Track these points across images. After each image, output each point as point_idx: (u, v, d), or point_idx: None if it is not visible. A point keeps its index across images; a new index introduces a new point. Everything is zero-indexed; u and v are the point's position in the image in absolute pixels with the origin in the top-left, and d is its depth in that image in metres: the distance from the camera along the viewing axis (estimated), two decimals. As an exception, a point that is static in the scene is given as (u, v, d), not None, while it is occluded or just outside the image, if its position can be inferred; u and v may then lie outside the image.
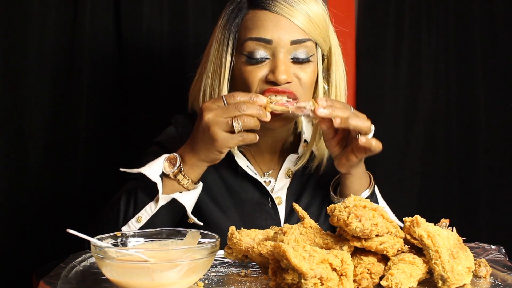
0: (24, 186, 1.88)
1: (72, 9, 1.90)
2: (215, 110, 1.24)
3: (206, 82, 1.43)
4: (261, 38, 1.35)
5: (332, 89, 1.46)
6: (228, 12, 1.42)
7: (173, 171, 1.29)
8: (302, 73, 1.37)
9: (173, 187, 1.30)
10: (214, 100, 1.27)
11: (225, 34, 1.41)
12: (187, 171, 1.30)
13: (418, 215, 1.04)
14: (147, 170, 1.29)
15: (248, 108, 1.24)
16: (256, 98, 1.26)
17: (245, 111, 1.23)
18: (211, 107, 1.25)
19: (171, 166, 1.30)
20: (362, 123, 1.29)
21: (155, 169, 1.29)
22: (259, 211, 1.46)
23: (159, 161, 1.30)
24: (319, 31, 1.38)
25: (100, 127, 1.96)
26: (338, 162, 1.37)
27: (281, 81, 1.34)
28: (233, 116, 1.23)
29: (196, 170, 1.31)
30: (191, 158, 1.29)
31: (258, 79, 1.36)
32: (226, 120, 1.23)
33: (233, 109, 1.23)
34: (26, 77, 1.86)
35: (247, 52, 1.37)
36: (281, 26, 1.35)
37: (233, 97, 1.25)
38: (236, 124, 1.23)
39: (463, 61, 2.43)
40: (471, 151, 2.44)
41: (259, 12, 1.37)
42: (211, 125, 1.23)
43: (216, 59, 1.42)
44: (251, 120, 1.24)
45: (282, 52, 1.35)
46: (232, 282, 1.08)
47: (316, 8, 1.38)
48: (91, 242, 1.03)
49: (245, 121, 1.23)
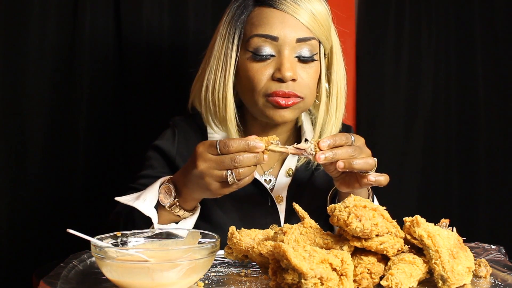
0: (24, 186, 1.88)
1: (72, 9, 1.90)
2: (209, 161, 1.19)
3: (209, 77, 1.44)
4: (267, 35, 1.36)
5: (333, 87, 1.47)
6: (233, 8, 1.43)
7: (168, 204, 1.27)
8: (305, 73, 1.38)
9: (169, 217, 1.30)
10: (209, 145, 1.20)
11: (231, 30, 1.41)
12: (182, 204, 1.29)
13: (418, 215, 1.04)
14: (141, 205, 1.27)
15: (244, 159, 1.18)
16: (253, 144, 1.18)
17: (241, 164, 1.18)
18: (205, 156, 1.20)
19: (166, 198, 1.28)
20: (366, 163, 1.24)
21: (149, 201, 1.27)
22: (259, 210, 1.47)
23: (154, 190, 1.28)
24: (322, 30, 1.40)
25: (100, 126, 1.96)
26: (339, 184, 1.33)
27: (287, 78, 1.34)
28: (228, 169, 1.18)
29: (191, 202, 1.29)
30: (185, 193, 1.27)
31: (264, 77, 1.37)
32: (221, 173, 1.19)
33: (228, 163, 1.18)
34: (26, 77, 1.86)
35: (253, 49, 1.38)
36: (287, 23, 1.36)
37: (227, 147, 1.18)
38: (230, 178, 1.18)
39: (463, 61, 2.43)
40: (471, 151, 2.44)
41: (266, 9, 1.38)
42: (205, 175, 1.20)
43: (221, 54, 1.42)
44: (246, 171, 1.19)
45: (287, 50, 1.36)
46: (232, 282, 1.08)
47: (319, 7, 1.39)
48: (91, 242, 1.03)
49: (241, 172, 1.18)
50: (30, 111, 1.87)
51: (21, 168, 1.87)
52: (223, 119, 1.43)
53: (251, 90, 1.39)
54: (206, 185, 1.20)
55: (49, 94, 1.89)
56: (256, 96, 1.38)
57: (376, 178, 1.25)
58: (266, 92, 1.37)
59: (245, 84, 1.40)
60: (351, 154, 1.23)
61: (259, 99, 1.38)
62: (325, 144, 1.21)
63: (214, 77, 1.43)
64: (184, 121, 1.54)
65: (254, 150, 1.18)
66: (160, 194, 1.28)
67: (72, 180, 1.93)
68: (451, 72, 2.42)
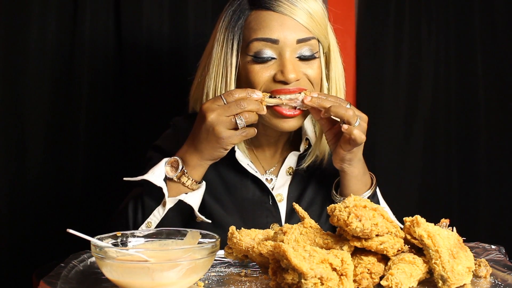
0: (24, 186, 1.88)
1: (72, 9, 1.90)
2: (217, 109, 1.28)
3: (209, 84, 1.43)
4: (267, 38, 1.36)
5: (332, 85, 1.47)
6: (228, 13, 1.42)
7: (177, 175, 1.31)
8: (310, 69, 1.39)
9: (178, 189, 1.33)
10: (214, 100, 1.30)
11: (229, 36, 1.41)
12: (190, 172, 1.32)
13: (418, 215, 1.04)
14: (150, 176, 1.31)
15: (248, 104, 1.28)
16: (252, 93, 1.30)
17: (245, 107, 1.28)
18: (212, 107, 1.28)
19: (173, 170, 1.32)
20: (343, 110, 1.30)
21: (158, 174, 1.31)
22: (260, 209, 1.47)
23: (161, 166, 1.32)
24: (320, 29, 1.40)
25: (100, 127, 1.96)
26: (333, 158, 1.40)
27: (291, 80, 1.35)
28: (235, 113, 1.27)
29: (199, 169, 1.33)
30: (193, 159, 1.32)
31: (265, 79, 1.37)
32: (229, 118, 1.27)
33: (235, 107, 1.27)
34: (26, 77, 1.86)
35: (253, 53, 1.37)
36: (286, 25, 1.36)
37: (231, 94, 1.29)
38: (239, 121, 1.27)
39: (463, 61, 2.42)
40: (471, 151, 2.44)
41: (263, 13, 1.38)
42: (215, 124, 1.27)
43: (220, 61, 1.42)
44: (252, 115, 1.28)
45: (288, 51, 1.36)
46: (232, 282, 1.08)
47: (315, 5, 1.39)
48: (91, 242, 1.03)
49: (247, 117, 1.28)
50: (30, 111, 1.87)
51: (21, 168, 1.87)
52: None
53: None
54: (217, 135, 1.27)
55: (49, 94, 1.89)
56: None
57: (349, 127, 1.30)
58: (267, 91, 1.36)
59: (246, 87, 1.39)
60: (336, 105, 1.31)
61: None
62: (314, 93, 1.34)
63: (214, 84, 1.42)
64: (185, 121, 1.54)
65: (253, 98, 1.30)
66: (167, 167, 1.32)
67: (72, 180, 1.93)
68: (451, 72, 2.42)
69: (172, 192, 1.32)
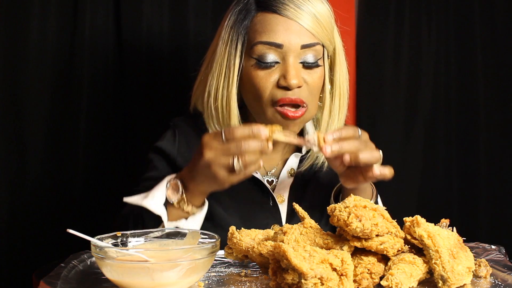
0: (24, 186, 1.88)
1: (72, 9, 1.90)
2: (215, 149, 1.20)
3: (211, 82, 1.42)
4: (272, 43, 1.35)
5: (335, 89, 1.45)
6: (235, 12, 1.41)
7: (176, 200, 1.28)
8: (310, 78, 1.37)
9: (178, 213, 1.30)
10: (215, 135, 1.21)
11: (233, 35, 1.40)
12: (190, 199, 1.29)
13: (418, 215, 1.04)
14: (149, 203, 1.27)
15: (249, 145, 1.18)
16: (258, 131, 1.19)
17: (246, 149, 1.18)
18: (211, 145, 1.20)
19: (174, 194, 1.28)
20: (372, 156, 1.23)
21: (158, 200, 1.28)
22: (260, 210, 1.46)
23: (161, 189, 1.29)
24: (326, 33, 1.38)
25: (100, 127, 1.96)
26: (344, 180, 1.33)
27: (293, 86, 1.34)
28: (234, 155, 1.18)
29: (199, 196, 1.29)
30: (193, 187, 1.27)
31: (269, 84, 1.36)
32: (227, 160, 1.19)
33: (234, 148, 1.18)
34: (26, 77, 1.86)
35: (257, 56, 1.36)
36: (291, 30, 1.34)
37: (232, 133, 1.19)
38: (236, 164, 1.18)
39: (463, 61, 2.42)
40: (471, 151, 2.44)
41: (269, 15, 1.36)
42: (212, 164, 1.20)
43: (223, 60, 1.41)
44: (252, 157, 1.19)
45: (292, 57, 1.35)
46: (232, 282, 1.08)
47: (322, 8, 1.37)
48: (91, 242, 1.03)
49: (246, 159, 1.18)
50: (30, 111, 1.87)
51: (21, 168, 1.87)
52: (226, 126, 1.42)
53: (257, 99, 1.37)
54: (213, 174, 1.20)
55: (49, 94, 1.89)
56: (263, 106, 1.37)
57: (382, 170, 1.25)
58: (273, 100, 1.35)
59: (251, 92, 1.39)
60: (357, 147, 1.23)
61: (267, 109, 1.37)
62: (330, 138, 1.21)
63: (216, 83, 1.41)
64: (185, 121, 1.54)
65: (259, 137, 1.19)
66: (168, 190, 1.28)
67: (72, 180, 1.93)
68: (451, 72, 2.42)
69: (172, 216, 1.29)
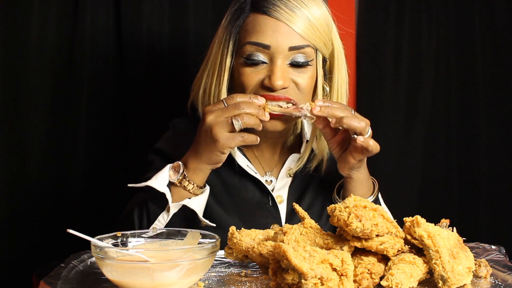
0: (24, 186, 1.88)
1: (72, 9, 1.90)
2: (216, 111, 1.28)
3: (206, 80, 1.45)
4: (259, 43, 1.36)
5: (333, 91, 1.46)
6: (231, 12, 1.43)
7: (178, 178, 1.31)
8: (300, 78, 1.37)
9: (181, 194, 1.32)
10: (215, 103, 1.31)
11: (227, 35, 1.41)
12: (191, 176, 1.32)
13: (418, 215, 1.04)
14: (154, 182, 1.31)
15: (248, 107, 1.27)
16: (254, 99, 1.30)
17: (244, 109, 1.27)
18: (212, 110, 1.28)
19: (175, 174, 1.31)
20: (357, 122, 1.29)
21: (161, 180, 1.31)
22: (260, 210, 1.47)
23: (165, 170, 1.32)
24: (319, 36, 1.38)
25: (100, 127, 1.96)
26: (339, 165, 1.39)
27: (277, 87, 1.34)
28: (233, 115, 1.26)
29: (200, 174, 1.32)
30: (193, 163, 1.31)
31: (254, 82, 1.37)
32: (227, 119, 1.26)
33: (233, 109, 1.27)
34: (26, 77, 1.86)
35: (246, 55, 1.37)
36: (279, 32, 1.35)
37: (232, 98, 1.29)
38: (236, 122, 1.26)
39: (463, 61, 2.43)
40: (471, 151, 2.44)
41: (260, 16, 1.37)
42: (213, 126, 1.26)
43: (217, 58, 1.43)
44: (251, 118, 1.27)
45: (279, 58, 1.35)
46: (233, 282, 1.08)
47: (318, 12, 1.37)
48: (91, 242, 1.03)
49: (245, 119, 1.26)
50: (30, 110, 1.87)
51: (21, 168, 1.87)
52: None
53: None
54: (214, 136, 1.26)
55: (49, 94, 1.89)
56: None
57: (366, 139, 1.29)
58: None
59: (238, 89, 1.40)
60: (344, 113, 1.30)
61: None
62: (320, 102, 1.30)
63: (210, 80, 1.44)
64: (183, 122, 1.55)
65: (255, 103, 1.29)
66: (170, 171, 1.32)
67: (72, 180, 1.93)
68: (451, 72, 2.42)
69: (175, 197, 1.32)
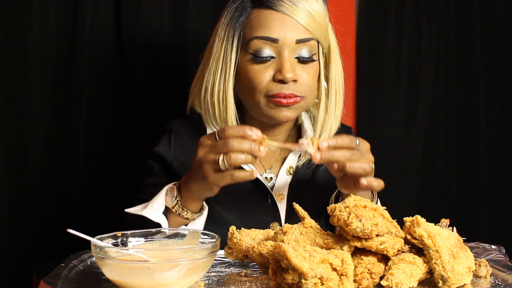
0: (24, 186, 1.88)
1: (72, 9, 1.90)
2: (206, 147, 1.21)
3: (208, 78, 1.44)
4: (267, 37, 1.37)
5: (331, 85, 1.47)
6: (231, 10, 1.43)
7: (171, 205, 1.28)
8: (305, 73, 1.39)
9: (178, 220, 1.30)
10: (210, 135, 1.22)
11: (230, 32, 1.42)
12: (184, 204, 1.29)
13: (418, 215, 1.04)
14: (149, 212, 1.28)
15: (239, 144, 1.17)
16: (249, 132, 1.18)
17: (233, 147, 1.17)
18: (205, 143, 1.22)
19: (170, 199, 1.29)
20: (360, 168, 1.24)
21: (157, 207, 1.28)
22: (259, 207, 1.47)
23: (161, 195, 1.30)
24: (320, 30, 1.40)
25: (101, 126, 1.96)
26: (340, 185, 1.34)
27: (288, 79, 1.35)
28: (221, 152, 1.18)
29: (193, 202, 1.29)
30: (186, 192, 1.28)
31: (266, 79, 1.37)
32: (215, 158, 1.18)
33: (221, 146, 1.18)
34: (26, 77, 1.86)
35: (253, 51, 1.38)
36: (286, 25, 1.37)
37: (223, 132, 1.19)
38: (221, 162, 1.17)
39: (463, 61, 2.43)
40: (471, 151, 2.44)
41: (264, 11, 1.39)
42: (202, 162, 1.20)
43: (220, 56, 1.43)
44: (239, 156, 1.17)
45: (287, 51, 1.37)
46: (233, 282, 1.08)
47: (317, 6, 1.40)
48: (91, 242, 1.03)
49: (232, 158, 1.16)
50: (30, 111, 1.87)
51: (21, 168, 1.87)
52: (223, 121, 1.43)
53: (252, 91, 1.39)
54: (203, 173, 1.21)
55: (49, 94, 1.89)
56: (257, 96, 1.38)
57: (369, 181, 1.25)
58: (267, 93, 1.37)
59: (246, 85, 1.40)
60: (348, 158, 1.23)
61: (261, 99, 1.38)
62: (325, 144, 1.22)
63: (213, 79, 1.43)
64: (180, 124, 1.55)
65: (249, 137, 1.18)
66: (166, 196, 1.29)
67: (72, 180, 1.93)
68: (451, 72, 2.42)
69: (172, 223, 1.29)
